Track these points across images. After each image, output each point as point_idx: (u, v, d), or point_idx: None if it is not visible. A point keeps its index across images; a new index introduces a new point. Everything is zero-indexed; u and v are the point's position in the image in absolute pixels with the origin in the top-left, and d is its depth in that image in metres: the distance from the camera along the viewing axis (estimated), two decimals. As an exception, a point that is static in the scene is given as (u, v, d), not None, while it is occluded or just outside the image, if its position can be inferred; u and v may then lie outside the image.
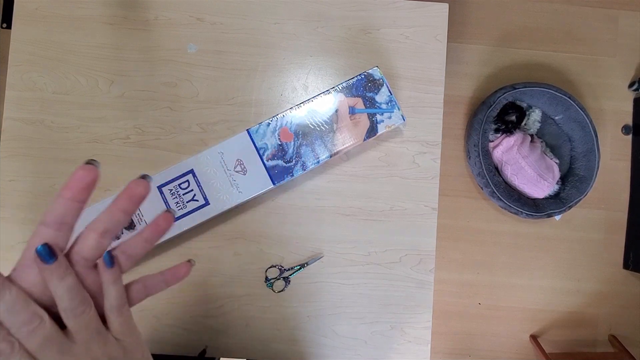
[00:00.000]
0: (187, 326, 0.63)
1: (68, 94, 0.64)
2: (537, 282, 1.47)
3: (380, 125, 0.60)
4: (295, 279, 0.64)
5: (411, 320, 0.64)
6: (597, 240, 1.49)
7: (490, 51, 1.49)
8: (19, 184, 0.63)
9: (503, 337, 1.47)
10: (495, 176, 1.31)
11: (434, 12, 0.67)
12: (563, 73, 1.50)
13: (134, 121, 0.64)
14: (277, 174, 0.59)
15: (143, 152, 0.64)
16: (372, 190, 0.65)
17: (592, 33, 1.51)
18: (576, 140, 1.36)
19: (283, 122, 0.59)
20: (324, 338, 0.63)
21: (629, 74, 1.51)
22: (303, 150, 0.59)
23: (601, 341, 1.48)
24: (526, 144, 1.32)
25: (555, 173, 1.35)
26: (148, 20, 0.65)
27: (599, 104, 1.50)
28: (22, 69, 0.64)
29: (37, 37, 0.64)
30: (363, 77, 0.60)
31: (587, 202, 1.47)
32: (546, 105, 1.35)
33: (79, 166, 0.26)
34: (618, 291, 1.49)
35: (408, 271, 0.65)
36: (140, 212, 0.57)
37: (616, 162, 1.50)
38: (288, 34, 0.66)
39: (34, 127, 0.64)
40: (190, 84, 0.65)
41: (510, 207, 1.29)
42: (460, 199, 1.47)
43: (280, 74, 0.66)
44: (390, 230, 0.65)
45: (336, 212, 0.65)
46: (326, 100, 0.60)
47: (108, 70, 0.65)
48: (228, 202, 0.58)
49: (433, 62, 0.67)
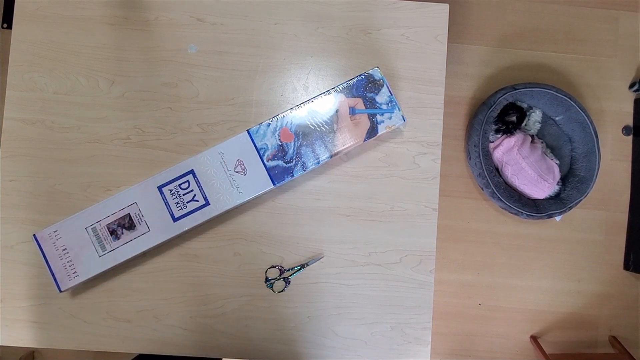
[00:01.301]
0: (187, 326, 0.63)
1: (68, 94, 0.64)
2: (537, 282, 1.47)
3: (381, 125, 0.60)
4: (296, 279, 0.64)
5: (411, 320, 0.64)
6: (598, 241, 1.49)
7: (491, 52, 1.49)
8: (19, 184, 0.63)
9: (503, 338, 1.47)
10: (495, 177, 1.31)
11: (434, 12, 0.67)
12: (563, 74, 1.50)
13: (135, 121, 0.64)
14: (278, 175, 0.59)
15: (143, 153, 0.64)
16: (373, 190, 0.65)
17: (592, 34, 1.51)
18: (577, 141, 1.36)
19: (283, 123, 0.59)
20: (323, 339, 0.63)
21: (629, 74, 1.51)
22: (303, 150, 0.59)
23: (602, 342, 1.48)
24: (527, 144, 1.32)
25: (556, 174, 1.35)
26: (149, 20, 0.65)
27: (600, 105, 1.50)
28: (23, 69, 0.64)
29: (38, 38, 0.64)
30: (363, 77, 0.60)
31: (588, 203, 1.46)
32: (547, 106, 1.35)
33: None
34: (618, 292, 1.48)
35: (408, 272, 0.65)
36: (140, 212, 0.57)
37: (617, 163, 1.50)
38: (288, 35, 0.66)
39: (34, 127, 0.64)
40: (190, 85, 0.65)
41: (511, 207, 1.29)
42: (460, 199, 1.47)
43: (281, 74, 0.66)
44: (391, 230, 0.65)
45: (336, 213, 0.65)
46: (326, 101, 0.60)
47: (109, 71, 0.65)
48: (228, 202, 0.58)
49: (433, 62, 0.67)
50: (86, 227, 0.57)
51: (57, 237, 0.57)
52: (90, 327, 0.62)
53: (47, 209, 0.63)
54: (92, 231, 0.57)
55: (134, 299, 0.62)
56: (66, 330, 0.61)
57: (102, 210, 0.57)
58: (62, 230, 0.57)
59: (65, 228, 0.57)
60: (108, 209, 0.57)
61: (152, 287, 0.63)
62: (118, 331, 0.62)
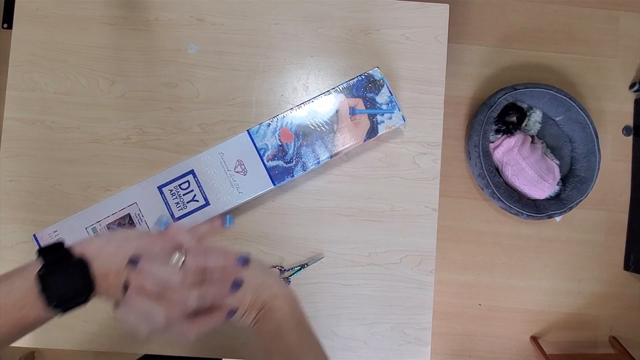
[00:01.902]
0: (187, 327, 0.62)
1: (69, 95, 0.64)
2: (537, 283, 1.47)
3: (381, 125, 0.60)
4: (295, 279, 0.64)
5: (411, 321, 0.64)
6: (598, 241, 1.49)
7: (491, 52, 1.49)
8: (19, 184, 0.63)
9: (503, 338, 1.47)
10: (495, 177, 1.31)
11: (434, 12, 0.67)
12: (564, 74, 1.49)
13: (135, 121, 0.64)
14: (278, 175, 0.59)
15: (143, 153, 0.64)
16: (373, 191, 0.65)
17: (592, 34, 1.50)
18: (577, 141, 1.36)
19: (283, 123, 0.59)
20: (323, 339, 0.63)
21: (629, 75, 1.51)
22: (303, 150, 0.59)
23: (602, 342, 1.48)
24: (527, 144, 1.32)
25: (556, 174, 1.35)
26: (149, 20, 0.65)
27: (600, 105, 1.50)
28: (23, 69, 0.64)
29: (38, 38, 0.64)
30: (363, 77, 0.60)
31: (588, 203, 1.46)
32: (547, 106, 1.35)
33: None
34: (619, 292, 1.48)
35: (408, 272, 0.65)
36: (140, 213, 0.57)
37: (617, 163, 1.50)
38: (289, 35, 0.66)
39: (34, 127, 0.64)
40: (190, 85, 0.65)
41: (511, 208, 1.29)
42: (460, 199, 1.47)
43: (281, 74, 0.66)
44: (391, 231, 0.65)
45: (336, 213, 0.65)
46: (327, 101, 0.60)
47: (109, 71, 0.65)
48: (228, 202, 0.58)
49: (434, 62, 0.67)
50: (86, 227, 0.57)
51: (57, 237, 0.57)
52: (90, 327, 0.62)
53: (47, 209, 0.63)
54: (92, 231, 0.57)
55: (134, 299, 0.62)
56: (66, 330, 0.61)
57: (102, 211, 0.57)
58: (62, 230, 0.57)
59: (65, 228, 0.57)
60: (108, 209, 0.57)
61: (152, 287, 0.63)
62: (118, 331, 0.62)
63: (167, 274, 0.36)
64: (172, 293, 0.35)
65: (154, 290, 0.35)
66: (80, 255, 0.36)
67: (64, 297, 0.34)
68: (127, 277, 0.36)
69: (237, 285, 0.39)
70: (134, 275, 0.36)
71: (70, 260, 0.35)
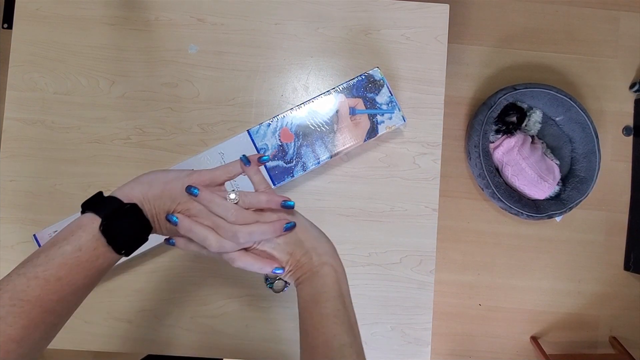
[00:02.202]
0: (188, 326, 0.63)
1: (69, 95, 0.64)
2: (537, 283, 1.47)
3: (381, 126, 0.60)
4: (296, 279, 0.63)
5: (411, 321, 0.64)
6: (598, 241, 1.49)
7: (491, 52, 1.49)
8: (19, 184, 0.63)
9: (503, 339, 1.47)
10: (495, 177, 1.31)
11: (434, 13, 0.67)
12: (564, 74, 1.49)
13: (135, 121, 0.64)
14: (278, 175, 0.59)
15: (144, 153, 0.64)
16: (373, 191, 0.65)
17: (593, 34, 1.50)
18: (577, 141, 1.36)
19: (284, 123, 0.59)
20: (324, 339, 0.63)
21: (629, 75, 1.51)
22: (303, 150, 0.59)
23: (602, 342, 1.48)
24: (527, 145, 1.32)
25: (556, 174, 1.35)
26: (149, 21, 0.65)
27: (600, 105, 1.50)
28: (23, 69, 0.64)
29: (38, 38, 0.64)
30: (364, 77, 0.60)
31: (588, 204, 1.46)
32: (547, 106, 1.35)
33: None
34: (619, 293, 1.48)
35: (408, 272, 0.65)
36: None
37: (617, 163, 1.50)
38: (289, 35, 0.66)
39: (34, 127, 0.64)
40: (191, 85, 0.65)
41: (511, 208, 1.29)
42: (460, 200, 1.47)
43: (281, 74, 0.66)
44: (391, 231, 0.65)
45: (336, 213, 0.65)
46: (327, 101, 0.60)
47: (109, 71, 0.65)
48: (228, 202, 0.58)
49: (434, 63, 0.67)
50: (86, 227, 0.57)
51: (57, 237, 0.57)
52: (90, 327, 0.62)
53: (47, 209, 0.63)
54: (92, 231, 0.57)
55: (135, 299, 0.62)
56: (66, 330, 0.61)
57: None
58: (62, 231, 0.57)
59: (65, 228, 0.57)
60: (108, 209, 0.57)
61: (152, 288, 0.63)
62: (118, 331, 0.62)
63: (224, 208, 0.39)
64: (224, 227, 0.39)
65: (209, 220, 0.39)
66: (129, 202, 0.38)
67: (129, 243, 0.39)
68: (182, 206, 0.40)
69: (290, 227, 0.41)
70: (191, 204, 0.40)
71: (124, 209, 0.38)
